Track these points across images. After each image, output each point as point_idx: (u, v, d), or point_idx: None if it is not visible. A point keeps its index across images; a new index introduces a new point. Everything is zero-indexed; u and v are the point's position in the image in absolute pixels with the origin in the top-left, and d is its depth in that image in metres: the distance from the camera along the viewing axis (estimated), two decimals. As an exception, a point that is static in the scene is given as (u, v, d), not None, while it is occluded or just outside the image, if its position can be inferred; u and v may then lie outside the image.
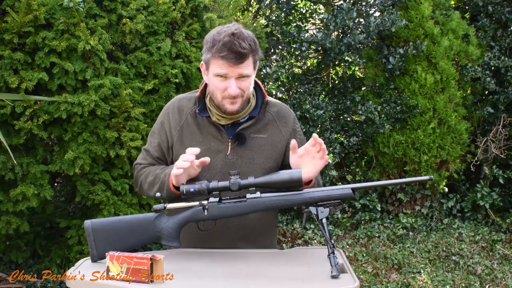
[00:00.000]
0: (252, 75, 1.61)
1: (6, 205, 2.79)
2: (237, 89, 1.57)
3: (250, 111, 1.68)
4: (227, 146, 1.66)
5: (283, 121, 1.74)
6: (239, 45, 1.52)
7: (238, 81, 1.57)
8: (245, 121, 1.68)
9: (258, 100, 1.71)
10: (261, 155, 1.68)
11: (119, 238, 1.50)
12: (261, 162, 1.67)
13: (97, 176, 2.97)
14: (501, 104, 5.03)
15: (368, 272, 3.91)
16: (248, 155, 1.67)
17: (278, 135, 1.72)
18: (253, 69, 1.60)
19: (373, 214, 4.76)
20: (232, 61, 1.53)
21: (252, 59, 1.58)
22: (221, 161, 1.66)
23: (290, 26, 4.81)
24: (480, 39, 5.05)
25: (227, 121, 1.66)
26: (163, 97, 3.12)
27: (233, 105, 1.60)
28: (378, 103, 4.69)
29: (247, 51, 1.54)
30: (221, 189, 1.49)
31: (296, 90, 4.99)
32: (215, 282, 1.35)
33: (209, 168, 1.64)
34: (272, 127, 1.72)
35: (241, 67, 1.55)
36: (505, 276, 3.83)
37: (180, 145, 1.68)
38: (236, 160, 1.66)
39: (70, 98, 2.71)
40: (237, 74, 1.56)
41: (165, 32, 3.11)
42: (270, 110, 1.74)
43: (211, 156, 1.63)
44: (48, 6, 2.69)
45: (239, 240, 1.69)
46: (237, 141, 1.66)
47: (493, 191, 4.91)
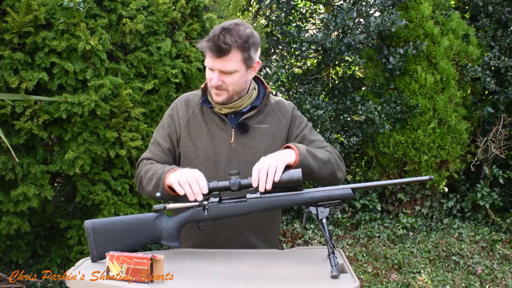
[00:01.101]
0: (239, 72, 1.63)
1: (7, 205, 2.79)
2: (219, 81, 1.61)
3: (252, 102, 1.73)
4: (230, 135, 1.71)
5: (283, 111, 1.79)
6: (222, 39, 1.56)
7: (222, 75, 1.61)
8: (247, 111, 1.73)
9: (260, 92, 1.77)
10: (264, 144, 1.72)
11: (119, 238, 1.50)
12: (264, 151, 1.69)
13: (97, 176, 2.98)
14: (501, 104, 5.03)
15: (368, 272, 3.91)
16: (251, 144, 1.71)
17: (279, 125, 1.76)
18: (241, 65, 1.62)
19: (373, 214, 4.76)
20: (213, 54, 1.58)
21: (240, 55, 1.60)
22: (226, 149, 1.70)
23: (290, 26, 4.81)
24: (480, 39, 5.05)
25: (227, 111, 1.71)
26: (163, 97, 3.12)
27: (218, 96, 1.66)
28: (378, 103, 4.69)
29: (228, 46, 1.56)
30: (221, 189, 1.50)
31: (296, 90, 4.99)
32: (215, 282, 1.35)
33: (214, 157, 1.69)
34: (272, 118, 1.76)
35: (222, 61, 1.58)
36: (505, 276, 3.83)
37: (187, 135, 1.74)
38: (240, 148, 1.70)
39: (70, 98, 2.71)
40: (218, 68, 1.60)
41: (165, 32, 3.11)
42: (270, 103, 1.79)
43: (216, 145, 1.69)
44: (48, 6, 2.69)
45: (246, 228, 1.71)
46: (240, 129, 1.70)
47: (493, 191, 4.91)
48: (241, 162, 1.68)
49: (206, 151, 1.71)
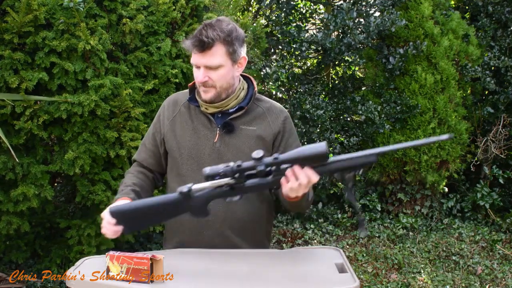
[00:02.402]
0: (225, 66, 1.62)
1: (6, 205, 2.79)
2: (205, 77, 1.61)
3: (239, 102, 1.71)
4: (215, 134, 1.70)
5: (274, 116, 1.76)
6: (205, 34, 1.57)
7: (207, 70, 1.61)
8: (234, 112, 1.71)
9: (248, 93, 1.75)
10: (248, 146, 1.69)
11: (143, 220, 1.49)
12: (248, 152, 1.61)
13: (97, 176, 2.97)
14: (501, 104, 5.03)
15: (368, 272, 3.91)
16: (236, 144, 1.69)
17: (267, 129, 1.73)
18: (227, 59, 1.61)
19: (373, 214, 4.76)
20: (197, 49, 1.58)
21: (224, 49, 1.60)
22: (209, 148, 1.69)
23: (290, 26, 4.81)
24: (480, 39, 5.05)
25: (214, 110, 1.70)
26: (163, 97, 3.12)
27: (206, 93, 1.65)
28: (378, 103, 4.69)
29: (211, 40, 1.56)
30: (247, 169, 1.44)
31: (296, 90, 4.99)
32: (215, 282, 1.35)
33: (197, 156, 1.69)
34: (261, 121, 1.73)
35: (206, 56, 1.58)
36: (505, 276, 3.83)
37: (172, 133, 1.74)
38: (223, 148, 1.68)
39: (70, 98, 2.71)
40: (203, 63, 1.60)
41: (165, 32, 3.11)
42: (262, 105, 1.76)
43: (201, 144, 1.69)
44: (48, 6, 2.69)
45: (228, 229, 1.69)
46: (225, 129, 1.69)
47: (493, 191, 4.91)
48: (223, 162, 1.64)
49: (189, 149, 1.70)
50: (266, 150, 1.70)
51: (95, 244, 3.11)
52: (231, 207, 1.66)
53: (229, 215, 1.68)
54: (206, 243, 1.68)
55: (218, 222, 1.67)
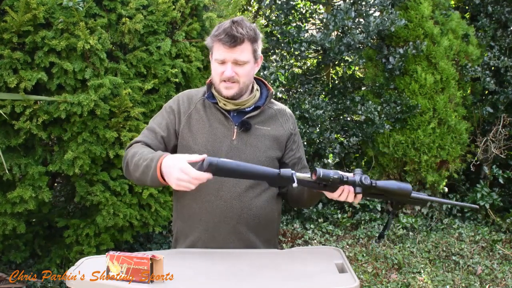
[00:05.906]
0: (250, 63, 1.69)
1: (4, 206, 2.78)
2: (232, 72, 1.66)
3: (256, 102, 1.77)
4: (232, 132, 1.73)
5: (285, 118, 1.85)
6: (236, 30, 1.63)
7: (234, 66, 1.67)
8: (251, 111, 1.76)
9: (262, 93, 1.81)
10: (264, 144, 1.75)
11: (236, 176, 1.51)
12: (265, 150, 1.74)
13: (96, 177, 2.97)
14: (501, 104, 5.03)
15: (368, 272, 3.91)
16: (253, 142, 1.74)
17: (280, 129, 1.81)
18: (252, 57, 1.69)
19: (373, 214, 4.75)
20: (227, 44, 1.63)
21: (251, 47, 1.67)
22: (227, 146, 1.72)
23: (290, 26, 4.81)
24: (480, 39, 5.05)
25: (232, 107, 1.73)
26: (163, 97, 3.12)
27: (228, 90, 1.69)
28: (378, 103, 4.69)
29: (242, 35, 1.63)
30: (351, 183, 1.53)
31: (296, 90, 4.99)
32: (215, 282, 1.35)
33: (214, 153, 1.69)
34: (274, 122, 1.81)
35: (236, 51, 1.64)
36: (505, 276, 3.83)
37: (188, 130, 1.75)
38: (241, 146, 1.72)
39: (70, 98, 2.71)
40: (232, 58, 1.65)
41: (165, 32, 3.10)
42: (273, 107, 1.84)
43: (218, 141, 1.72)
44: (47, 6, 2.69)
45: (244, 225, 1.71)
46: (243, 127, 1.73)
47: (493, 191, 4.91)
48: (241, 160, 1.68)
49: (206, 146, 1.72)
50: (279, 150, 1.79)
51: (94, 244, 3.11)
52: (247, 203, 1.70)
53: (245, 211, 1.70)
54: (222, 240, 1.70)
55: (234, 218, 1.69)
